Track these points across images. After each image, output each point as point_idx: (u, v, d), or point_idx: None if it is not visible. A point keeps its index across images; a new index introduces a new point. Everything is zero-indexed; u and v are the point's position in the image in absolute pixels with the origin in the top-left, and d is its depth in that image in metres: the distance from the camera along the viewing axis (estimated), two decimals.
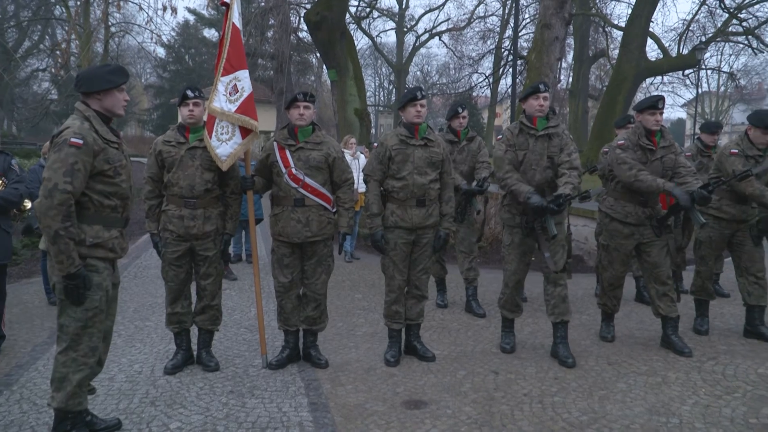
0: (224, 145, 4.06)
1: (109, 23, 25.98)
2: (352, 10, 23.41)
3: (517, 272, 4.59)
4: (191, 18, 38.42)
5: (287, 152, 4.18)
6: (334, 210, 4.33)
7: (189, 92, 4.12)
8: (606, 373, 4.22)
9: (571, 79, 26.59)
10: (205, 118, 4.16)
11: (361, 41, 35.54)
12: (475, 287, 5.83)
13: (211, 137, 4.05)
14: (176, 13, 18.86)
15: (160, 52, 37.07)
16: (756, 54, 21.26)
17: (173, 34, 38.65)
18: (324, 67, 13.63)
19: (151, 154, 4.19)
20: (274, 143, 4.24)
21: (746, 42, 20.19)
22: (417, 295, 4.49)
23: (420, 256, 4.40)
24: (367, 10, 27.33)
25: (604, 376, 4.14)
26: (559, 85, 19.40)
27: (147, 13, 41.81)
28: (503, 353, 4.62)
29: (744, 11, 18.74)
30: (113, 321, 3.34)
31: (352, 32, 23.63)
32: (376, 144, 4.65)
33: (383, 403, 3.72)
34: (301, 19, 16.17)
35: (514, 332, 4.79)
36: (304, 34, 20.46)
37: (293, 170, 4.14)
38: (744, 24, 18.92)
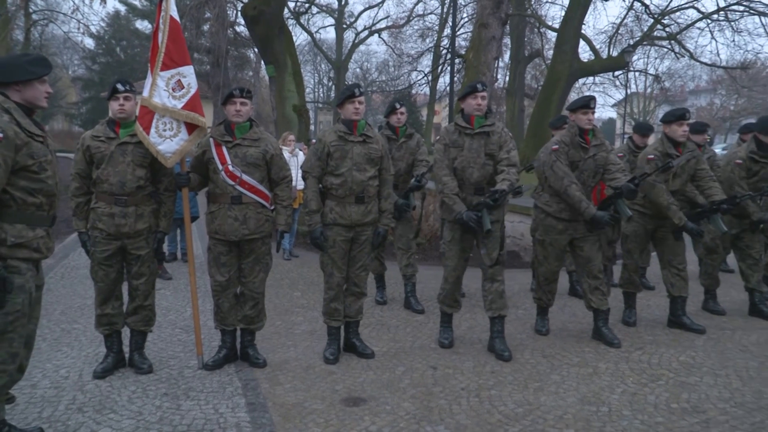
0: (168, 142, 3.96)
1: (30, 10, 24.64)
2: (291, 5, 23.14)
3: (457, 268, 4.65)
4: (122, 8, 37.06)
5: (224, 149, 4.10)
6: (272, 207, 4.28)
7: (119, 86, 3.97)
8: (541, 365, 4.33)
9: (508, 78, 27.16)
10: (137, 113, 4.03)
11: (300, 37, 35.19)
12: (414, 283, 5.87)
13: (149, 133, 3.93)
14: (105, 3, 18.05)
15: (89, 43, 35.50)
16: (678, 58, 22.34)
17: (102, 24, 37.16)
18: (262, 62, 13.43)
19: (79, 150, 4.01)
20: (210, 139, 4.15)
21: (669, 46, 21.15)
22: (356, 292, 4.48)
23: (359, 254, 4.40)
24: (306, 5, 27.08)
25: (539, 369, 4.26)
26: (496, 84, 19.79)
27: (73, 1, 39.93)
28: (441, 348, 4.68)
29: (667, 17, 19.61)
30: (36, 325, 3.18)
31: (290, 28, 23.39)
32: (314, 141, 4.63)
33: (322, 401, 3.70)
34: (239, 13, 15.85)
35: (452, 327, 4.86)
36: (242, 29, 20.14)
37: (230, 167, 4.06)
38: (667, 29, 19.80)
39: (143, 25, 36.34)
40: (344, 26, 37.39)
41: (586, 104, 4.67)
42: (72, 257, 8.09)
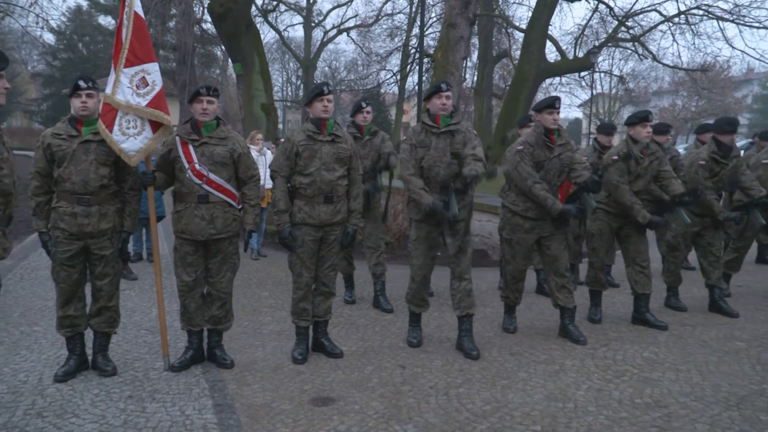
0: (132, 140, 3.89)
1: None
2: (259, 2, 22.95)
3: (424, 267, 4.67)
4: (84, 3, 36.22)
5: (190, 147, 4.04)
6: (240, 207, 4.24)
7: (81, 83, 3.88)
8: (508, 363, 4.38)
9: (476, 78, 27.36)
10: (99, 110, 3.95)
11: (268, 35, 34.79)
12: (383, 282, 5.88)
13: (112, 131, 3.85)
14: None
15: (49, 38, 34.62)
16: (641, 60, 22.73)
17: (63, 19, 36.24)
18: (230, 60, 13.27)
19: (39, 148, 3.91)
20: (177, 138, 4.09)
21: (633, 48, 21.56)
22: (325, 291, 4.47)
23: (328, 253, 4.39)
24: (274, 3, 26.91)
25: (507, 366, 4.30)
26: (464, 83, 19.93)
27: None
28: (410, 347, 4.69)
29: (631, 20, 19.97)
30: None
31: (258, 25, 23.18)
32: (282, 140, 4.60)
33: (290, 402, 3.68)
34: (205, 10, 15.64)
35: (420, 326, 4.87)
36: (209, 26, 19.88)
37: (197, 166, 4.01)
38: (631, 31, 20.17)
39: (107, 21, 35.54)
40: (313, 24, 37.20)
41: (551, 104, 4.73)
42: (32, 258, 7.88)
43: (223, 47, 19.06)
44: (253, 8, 17.91)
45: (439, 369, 4.25)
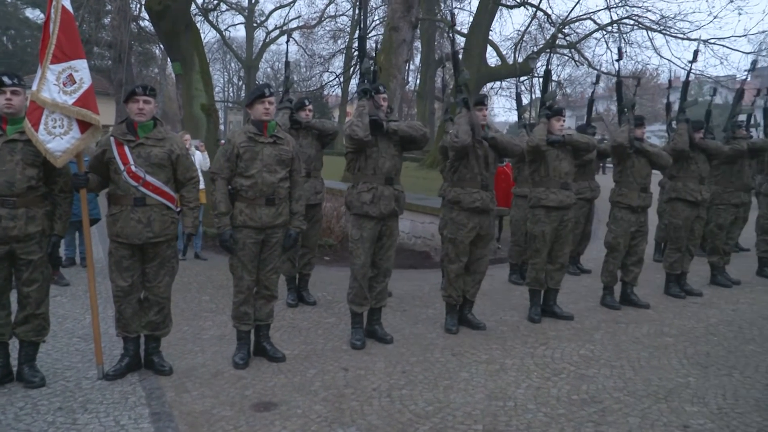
0: (58, 140, 3.72)
1: None
2: (199, 1, 22.45)
3: (365, 265, 4.71)
4: None
5: (126, 148, 3.91)
6: (179, 209, 4.13)
7: (6, 79, 3.70)
8: (450, 363, 4.43)
9: (418, 81, 27.62)
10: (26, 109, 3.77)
11: (208, 34, 34.08)
12: (307, 280, 6.08)
13: (38, 130, 3.68)
14: None
15: None
16: (578, 66, 23.48)
17: None
18: (169, 59, 12.93)
19: None
20: (111, 138, 3.95)
21: (570, 54, 22.24)
22: (266, 295, 4.41)
23: (269, 256, 4.34)
24: (215, 2, 26.40)
25: (449, 367, 4.35)
26: (407, 86, 20.07)
27: None
28: (353, 350, 4.68)
29: (567, 27, 20.61)
30: None
31: (198, 24, 22.71)
32: (223, 141, 4.55)
33: (231, 408, 3.61)
34: (143, 7, 15.21)
35: (363, 327, 4.88)
36: (147, 24, 19.32)
37: (133, 168, 3.89)
38: (568, 38, 20.83)
39: (35, 14, 33.99)
40: (255, 25, 36.75)
41: (481, 101, 4.97)
42: None
43: (161, 45, 18.55)
44: (193, 7, 17.56)
45: (382, 371, 4.26)
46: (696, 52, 6.36)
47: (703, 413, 3.64)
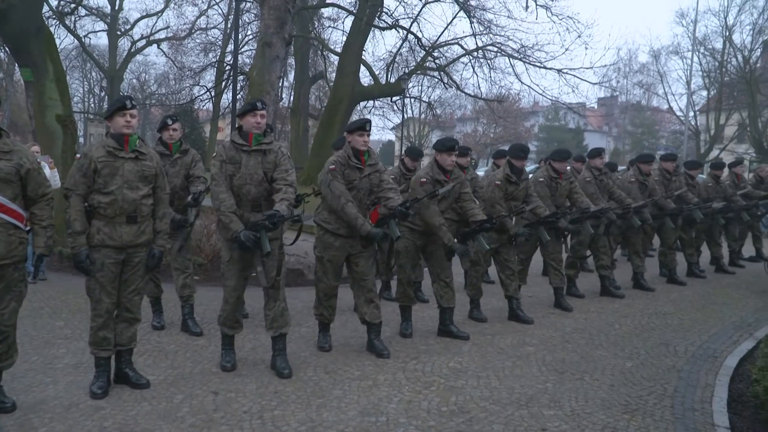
0: None
1: None
2: (53, 3, 20.86)
3: (237, 288, 4.56)
4: None
5: None
6: (28, 229, 3.80)
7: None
8: (323, 381, 4.41)
9: (292, 98, 27.48)
10: None
11: (65, 40, 31.73)
12: (191, 305, 5.61)
13: None
14: None
15: None
16: (447, 88, 24.59)
17: None
18: (16, 64, 11.88)
19: None
20: None
21: (439, 77, 23.22)
22: (128, 318, 4.16)
23: (131, 276, 4.10)
24: (72, 5, 24.65)
25: (322, 385, 4.33)
26: (281, 103, 19.91)
27: None
28: (224, 372, 4.53)
29: (437, 51, 21.55)
30: None
31: (53, 29, 21.16)
32: (79, 155, 4.24)
33: None
34: None
35: (234, 349, 4.73)
36: None
37: None
38: (437, 61, 21.76)
39: None
40: (118, 33, 34.75)
41: (362, 126, 4.93)
42: None
43: (6, 49, 17.03)
44: (46, 8, 16.34)
45: (253, 392, 4.15)
46: None
47: (558, 416, 3.90)
